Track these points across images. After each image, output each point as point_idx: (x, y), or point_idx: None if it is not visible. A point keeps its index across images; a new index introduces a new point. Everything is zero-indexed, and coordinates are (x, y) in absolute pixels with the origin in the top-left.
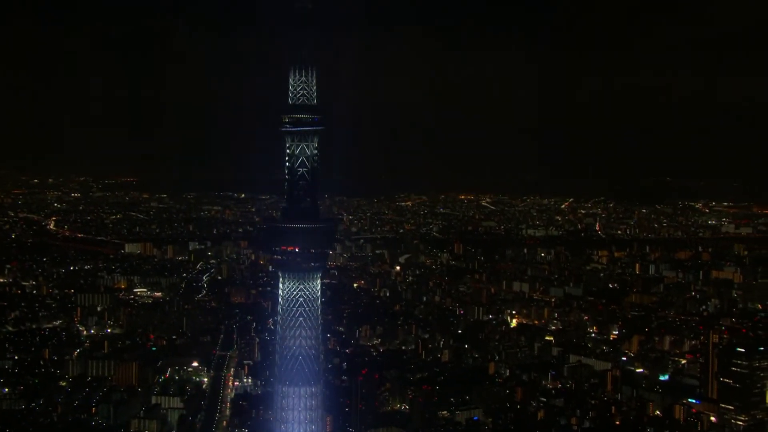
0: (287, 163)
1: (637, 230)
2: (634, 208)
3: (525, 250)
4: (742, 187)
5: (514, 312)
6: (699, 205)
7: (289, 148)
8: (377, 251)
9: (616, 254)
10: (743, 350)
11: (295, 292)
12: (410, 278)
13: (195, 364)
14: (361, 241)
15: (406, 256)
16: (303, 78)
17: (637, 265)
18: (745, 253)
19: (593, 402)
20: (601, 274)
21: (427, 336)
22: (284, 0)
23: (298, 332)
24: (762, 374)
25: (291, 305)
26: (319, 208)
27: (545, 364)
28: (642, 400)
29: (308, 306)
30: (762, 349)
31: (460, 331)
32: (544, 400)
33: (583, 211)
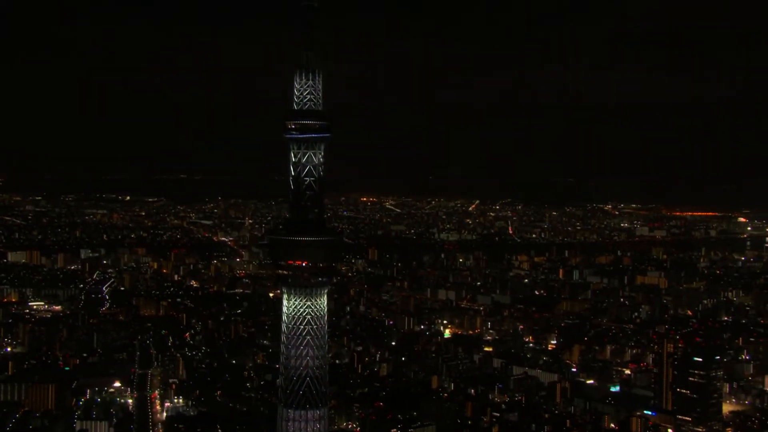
0: (293, 172)
1: (551, 234)
2: (544, 211)
3: (443, 256)
4: (647, 188)
5: (445, 321)
6: (608, 207)
7: (295, 156)
8: None
9: (536, 259)
10: (700, 360)
11: (301, 309)
12: None
13: (117, 384)
14: None
15: None
16: (310, 82)
17: (561, 270)
18: (665, 257)
19: (546, 416)
20: (526, 281)
21: (360, 349)
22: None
23: (305, 351)
24: (718, 384)
25: (297, 323)
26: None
27: (489, 376)
28: (596, 413)
29: (315, 324)
30: (718, 357)
31: (393, 343)
32: (497, 414)
33: (492, 214)
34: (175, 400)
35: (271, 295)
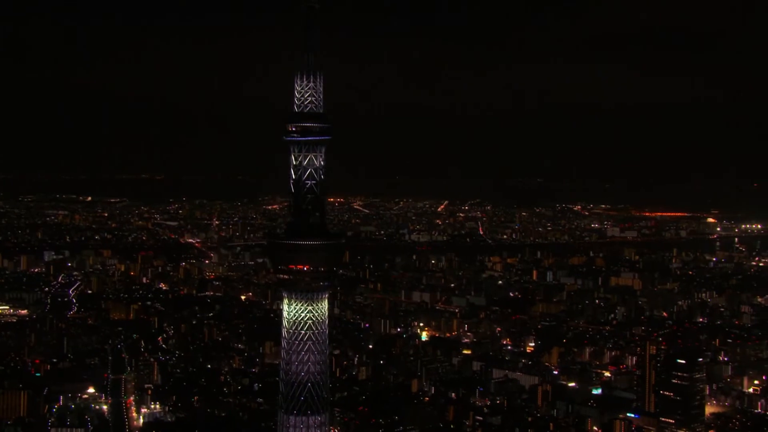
0: (293, 176)
1: (522, 234)
2: (514, 211)
3: (414, 257)
4: (617, 189)
5: (422, 324)
6: (577, 208)
7: (296, 159)
8: (258, 260)
9: (508, 260)
10: (684, 362)
11: (303, 314)
12: None
13: (90, 390)
14: (238, 249)
15: None
16: (311, 84)
17: (534, 272)
18: (637, 258)
19: (529, 419)
20: (500, 282)
21: (338, 352)
22: None
23: (306, 357)
24: (701, 386)
25: (298, 328)
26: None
27: (469, 379)
28: (579, 416)
29: (317, 328)
30: (701, 359)
31: (371, 347)
32: (480, 418)
33: (462, 215)
34: (152, 406)
35: (242, 297)
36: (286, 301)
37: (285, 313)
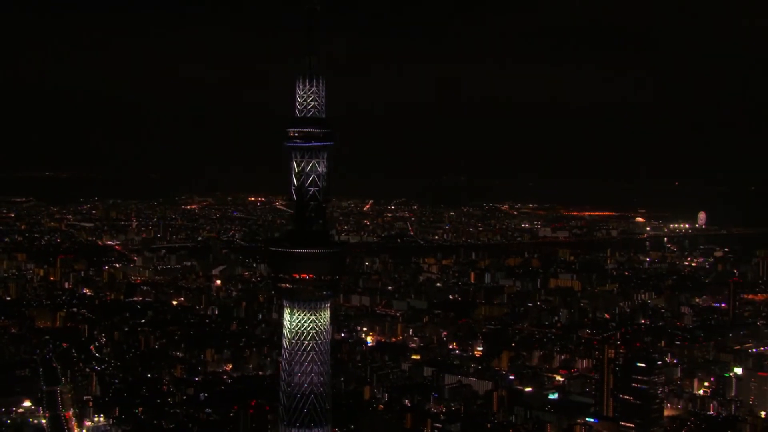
0: (295, 182)
1: (454, 235)
2: (442, 211)
3: (347, 259)
4: (543, 187)
5: (365, 329)
6: (505, 207)
7: (298, 165)
8: (185, 263)
9: (443, 262)
10: (644, 365)
11: (305, 324)
12: (235, 293)
13: (27, 403)
14: (163, 251)
15: (221, 267)
16: (314, 88)
17: (472, 274)
18: (572, 258)
19: (488, 426)
20: (439, 285)
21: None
22: None
23: (309, 368)
24: (660, 389)
25: (301, 338)
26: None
27: (422, 385)
28: (538, 422)
29: (319, 338)
30: (659, 363)
31: None
32: (438, 426)
33: (389, 215)
34: (95, 419)
35: (174, 303)
36: (287, 310)
37: (286, 323)
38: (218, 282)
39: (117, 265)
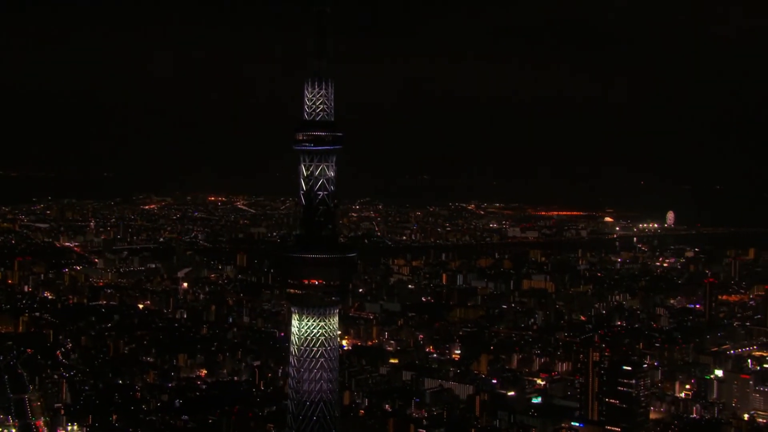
0: (304, 186)
1: (422, 235)
2: (407, 210)
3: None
4: (506, 186)
5: (339, 332)
6: (471, 207)
7: (307, 168)
8: (149, 265)
9: (414, 263)
10: (630, 368)
11: (315, 330)
12: (202, 296)
13: None
14: (125, 253)
15: (186, 270)
16: (323, 91)
17: (444, 275)
18: (544, 259)
19: (473, 431)
20: (411, 286)
21: (258, 363)
22: None
23: (318, 374)
24: (646, 393)
25: (310, 344)
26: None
27: (402, 390)
28: (523, 426)
29: (328, 345)
30: (646, 366)
31: None
32: (423, 431)
33: (355, 215)
34: (69, 428)
35: (140, 306)
36: (296, 316)
37: (295, 330)
38: (185, 285)
39: (78, 268)
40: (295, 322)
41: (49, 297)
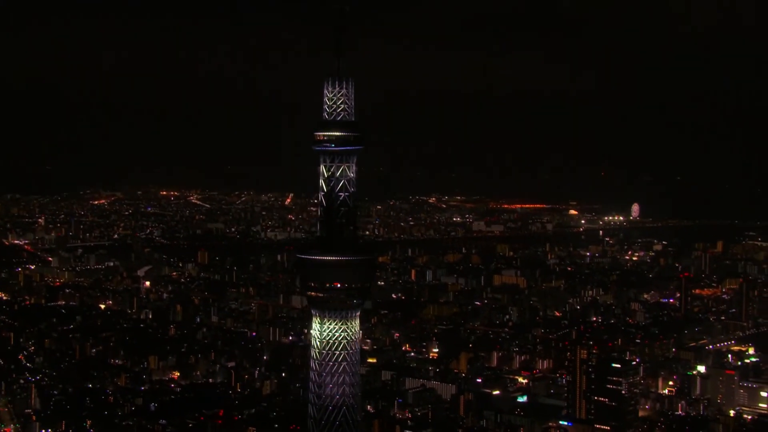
0: (324, 188)
1: (385, 230)
2: (368, 204)
3: (279, 257)
4: (464, 178)
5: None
6: (432, 200)
7: (328, 170)
8: (107, 263)
9: (380, 259)
10: (618, 366)
11: (337, 333)
12: (166, 295)
13: None
14: (80, 251)
15: (147, 268)
16: (343, 90)
17: (413, 271)
18: (512, 254)
19: (459, 431)
20: (381, 283)
21: (233, 365)
22: None
23: (341, 378)
24: (635, 390)
25: (332, 348)
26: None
27: (384, 390)
28: (510, 426)
29: (350, 348)
30: (635, 363)
31: (267, 357)
32: None
33: (314, 209)
34: None
35: (102, 306)
36: (317, 320)
37: (316, 333)
38: (147, 283)
39: (31, 267)
40: (315, 326)
41: (4, 298)
